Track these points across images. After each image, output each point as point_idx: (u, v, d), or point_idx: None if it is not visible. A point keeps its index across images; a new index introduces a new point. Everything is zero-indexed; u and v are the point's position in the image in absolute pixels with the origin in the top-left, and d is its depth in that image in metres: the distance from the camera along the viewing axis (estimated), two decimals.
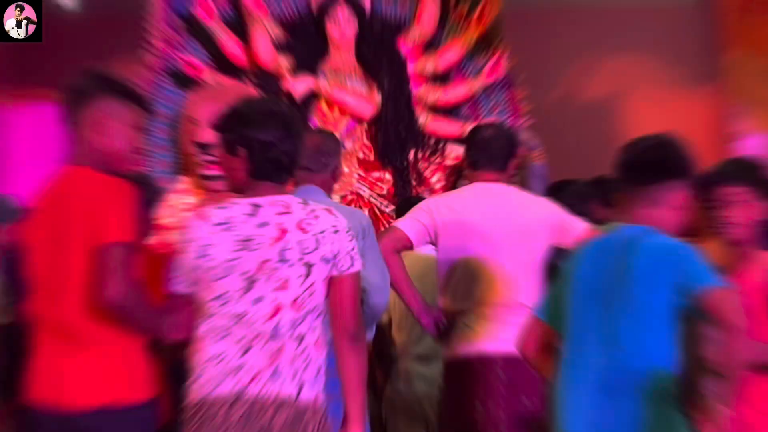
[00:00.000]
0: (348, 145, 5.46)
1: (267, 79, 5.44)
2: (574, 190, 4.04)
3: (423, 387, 4.14)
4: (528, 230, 3.42)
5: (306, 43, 5.57)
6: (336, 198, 4.94)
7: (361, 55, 5.56)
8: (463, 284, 3.42)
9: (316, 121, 5.42)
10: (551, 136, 5.62)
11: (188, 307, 2.47)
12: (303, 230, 2.38)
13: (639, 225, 2.50)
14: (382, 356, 4.38)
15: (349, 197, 5.53)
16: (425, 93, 5.59)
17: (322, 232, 2.39)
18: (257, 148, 2.41)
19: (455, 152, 5.48)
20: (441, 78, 5.65)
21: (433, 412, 3.93)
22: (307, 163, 3.19)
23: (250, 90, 5.20)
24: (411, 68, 5.57)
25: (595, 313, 2.47)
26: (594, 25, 7.63)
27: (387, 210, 5.55)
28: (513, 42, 5.90)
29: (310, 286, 2.38)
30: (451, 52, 5.64)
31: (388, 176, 5.51)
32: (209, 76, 5.48)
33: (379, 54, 5.54)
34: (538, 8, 7.47)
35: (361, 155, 5.54)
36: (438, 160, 5.62)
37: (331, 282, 2.44)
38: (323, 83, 5.43)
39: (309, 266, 2.37)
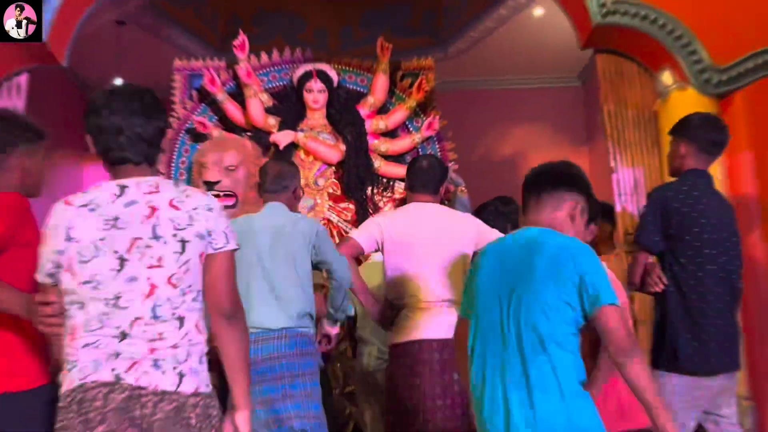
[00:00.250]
0: (320, 182, 5.53)
1: (259, 134, 5.45)
2: (492, 209, 3.95)
3: (369, 361, 4.10)
4: (454, 239, 3.31)
5: (289, 107, 5.60)
6: None
7: (330, 116, 5.62)
8: (404, 283, 3.29)
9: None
10: (474, 180, 5.56)
11: (55, 297, 1.92)
12: (175, 207, 1.91)
13: (541, 227, 2.18)
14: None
15: (322, 222, 5.26)
16: (379, 144, 5.63)
17: (195, 208, 1.93)
18: (95, 133, 1.95)
19: (401, 188, 5.52)
20: (390, 133, 5.72)
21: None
22: (269, 186, 3.29)
23: (246, 141, 5.08)
24: (368, 126, 5.61)
25: (497, 311, 2.08)
26: (504, 101, 7.85)
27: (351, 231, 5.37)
28: (447, 115, 5.83)
29: (186, 262, 1.89)
30: (398, 114, 5.70)
31: (351, 206, 5.53)
32: (215, 132, 5.46)
33: (343, 115, 5.59)
34: (464, 90, 7.70)
35: (330, 191, 5.58)
36: (389, 194, 5.65)
37: (206, 260, 1.96)
38: (301, 137, 5.46)
39: (184, 242, 1.89)
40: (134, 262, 1.84)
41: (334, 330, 3.41)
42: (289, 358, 2.99)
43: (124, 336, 1.81)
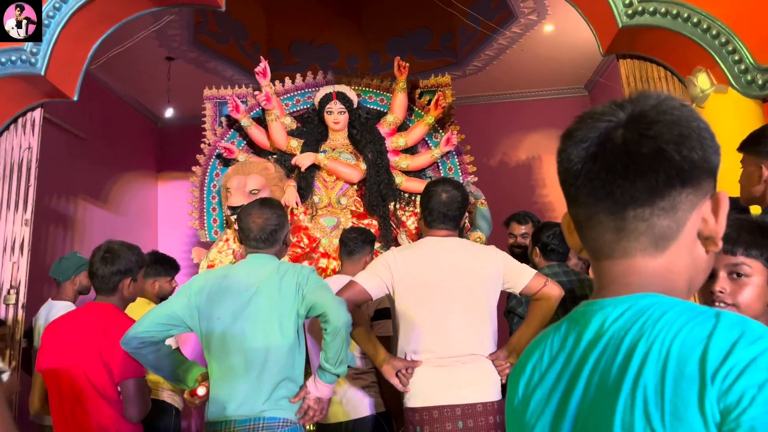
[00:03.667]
0: (343, 201, 4.24)
1: (283, 156, 4.32)
2: (558, 231, 2.78)
3: None
4: (479, 280, 2.17)
5: (312, 129, 4.37)
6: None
7: (351, 136, 4.35)
8: (420, 334, 2.16)
9: (318, 185, 4.24)
10: (492, 188, 4.57)
11: None
12: None
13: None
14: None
15: None
16: (400, 161, 4.34)
17: None
18: None
19: None
20: (410, 150, 4.42)
21: None
22: (253, 243, 2.13)
23: (269, 164, 3.96)
24: (388, 143, 4.33)
25: None
26: (517, 112, 6.72)
27: (376, 246, 4.15)
28: (465, 128, 4.66)
29: None
30: (417, 131, 4.38)
31: (374, 222, 4.17)
32: (241, 156, 4.36)
33: (364, 135, 4.31)
34: (481, 104, 6.63)
35: (353, 208, 4.25)
36: (411, 209, 4.32)
37: None
38: (322, 158, 4.21)
39: None
40: None
41: (326, 391, 2.02)
42: None
43: None
